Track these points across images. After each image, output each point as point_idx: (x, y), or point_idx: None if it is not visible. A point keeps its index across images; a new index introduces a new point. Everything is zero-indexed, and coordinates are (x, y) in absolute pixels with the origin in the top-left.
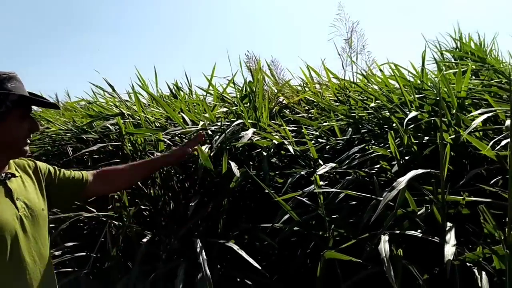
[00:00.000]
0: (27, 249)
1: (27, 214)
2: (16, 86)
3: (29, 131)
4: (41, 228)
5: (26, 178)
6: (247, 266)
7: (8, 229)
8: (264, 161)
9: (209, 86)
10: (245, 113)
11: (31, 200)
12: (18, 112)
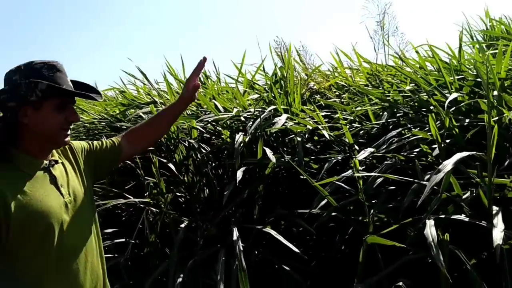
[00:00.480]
0: (73, 235)
1: (72, 200)
2: (55, 75)
3: (66, 122)
4: (85, 213)
5: (67, 163)
6: (284, 252)
7: (54, 216)
8: (298, 146)
9: (239, 73)
10: (278, 99)
11: (74, 187)
12: (53, 102)
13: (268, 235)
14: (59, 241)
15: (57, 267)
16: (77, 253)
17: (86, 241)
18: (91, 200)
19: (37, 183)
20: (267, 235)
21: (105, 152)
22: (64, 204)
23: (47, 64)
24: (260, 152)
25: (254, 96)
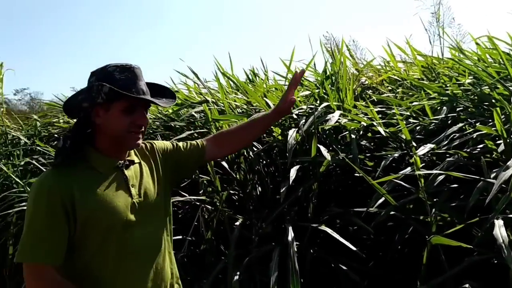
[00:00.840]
0: (138, 236)
1: (141, 201)
2: (126, 77)
3: (134, 124)
4: (156, 215)
5: (145, 163)
6: (340, 251)
7: (119, 216)
8: (353, 143)
9: (288, 70)
10: (330, 95)
11: (147, 188)
12: (121, 104)
13: (323, 234)
14: (121, 240)
15: (117, 267)
16: (141, 255)
17: (153, 243)
18: (165, 202)
19: (108, 182)
20: (321, 234)
21: (188, 153)
22: (132, 204)
23: (119, 67)
24: (314, 150)
25: (304, 93)
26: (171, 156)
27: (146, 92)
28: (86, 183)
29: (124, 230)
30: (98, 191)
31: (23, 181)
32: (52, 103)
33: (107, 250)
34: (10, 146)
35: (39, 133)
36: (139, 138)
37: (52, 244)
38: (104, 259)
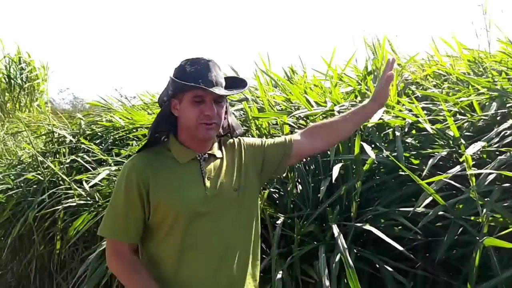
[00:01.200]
0: (209, 229)
1: (215, 195)
2: (194, 69)
3: (203, 115)
4: (232, 210)
5: (229, 157)
6: (384, 252)
7: (188, 207)
8: (397, 141)
9: (329, 67)
10: (372, 91)
11: (224, 183)
12: (189, 96)
13: (366, 233)
14: (187, 231)
15: (181, 256)
16: (206, 247)
17: (223, 238)
18: (248, 199)
19: (184, 173)
20: (364, 233)
21: (275, 148)
22: (204, 197)
23: (190, 60)
24: (358, 148)
25: (345, 89)
26: (258, 152)
27: (217, 83)
28: (162, 171)
29: (191, 221)
30: (172, 180)
31: (69, 178)
32: (95, 102)
33: (172, 239)
34: (57, 144)
35: (84, 132)
36: (210, 129)
37: (129, 223)
38: (169, 248)
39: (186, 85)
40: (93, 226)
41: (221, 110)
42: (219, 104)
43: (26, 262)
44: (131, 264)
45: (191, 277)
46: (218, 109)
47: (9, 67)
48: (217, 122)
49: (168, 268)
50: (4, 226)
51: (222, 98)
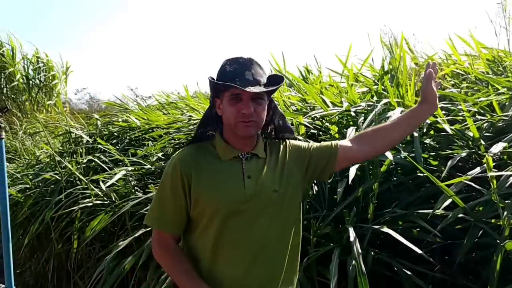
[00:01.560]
0: (245, 227)
1: (255, 194)
2: (233, 69)
3: (240, 113)
4: (271, 210)
5: (273, 159)
6: (402, 254)
7: (225, 204)
8: (415, 142)
9: (344, 67)
10: (390, 91)
11: (265, 183)
12: (227, 94)
13: (383, 235)
14: (223, 228)
15: (216, 252)
16: (242, 245)
17: (260, 238)
18: (289, 200)
19: (225, 170)
20: (382, 235)
21: (320, 153)
22: (243, 195)
23: (230, 60)
24: None
25: (361, 89)
26: (303, 156)
27: (254, 81)
28: (205, 167)
29: (227, 218)
30: (213, 176)
31: (86, 178)
32: (111, 102)
33: (209, 233)
34: (74, 144)
35: (100, 132)
36: (248, 127)
37: (175, 215)
38: (206, 242)
39: (219, 84)
40: (109, 226)
41: (259, 107)
42: (257, 102)
43: (44, 261)
44: (175, 254)
45: (224, 273)
46: (256, 107)
47: (27, 68)
48: (256, 120)
49: (204, 261)
50: (23, 225)
51: (260, 96)
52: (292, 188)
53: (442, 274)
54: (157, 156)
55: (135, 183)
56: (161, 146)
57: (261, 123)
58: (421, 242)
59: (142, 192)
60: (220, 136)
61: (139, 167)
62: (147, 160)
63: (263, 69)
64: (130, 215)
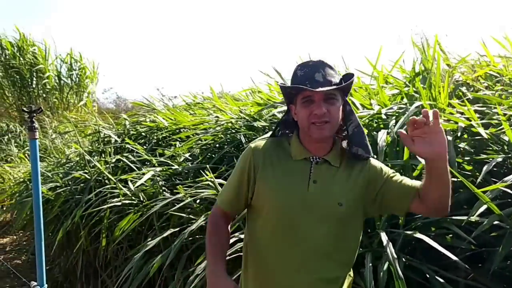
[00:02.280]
0: (295, 230)
1: (317, 199)
2: (304, 73)
3: (312, 115)
4: (328, 219)
5: (346, 170)
6: (434, 261)
7: (284, 204)
8: (449, 146)
9: (374, 68)
10: (422, 93)
11: (331, 190)
12: (299, 97)
13: (414, 241)
14: (279, 225)
15: (270, 246)
16: (292, 249)
17: (314, 246)
18: (349, 215)
19: (292, 169)
20: (413, 241)
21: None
22: (304, 197)
23: (301, 64)
24: (407, 153)
25: (392, 91)
26: (377, 180)
27: (325, 82)
28: (274, 162)
29: (282, 218)
30: (278, 173)
31: (114, 178)
32: (139, 102)
33: (266, 226)
34: (103, 143)
35: (128, 132)
36: (322, 129)
37: (231, 194)
38: (263, 233)
39: (290, 88)
40: (137, 226)
41: (332, 107)
42: (330, 102)
43: (73, 258)
44: (216, 226)
45: (275, 269)
46: (328, 107)
47: (59, 68)
48: (329, 120)
49: (260, 250)
50: (53, 222)
51: (332, 96)
52: (356, 207)
53: (475, 282)
54: (184, 156)
55: (163, 183)
56: (189, 146)
57: (335, 124)
58: (455, 249)
59: (170, 192)
60: (297, 136)
61: (167, 168)
62: (174, 161)
63: (334, 69)
64: (158, 215)
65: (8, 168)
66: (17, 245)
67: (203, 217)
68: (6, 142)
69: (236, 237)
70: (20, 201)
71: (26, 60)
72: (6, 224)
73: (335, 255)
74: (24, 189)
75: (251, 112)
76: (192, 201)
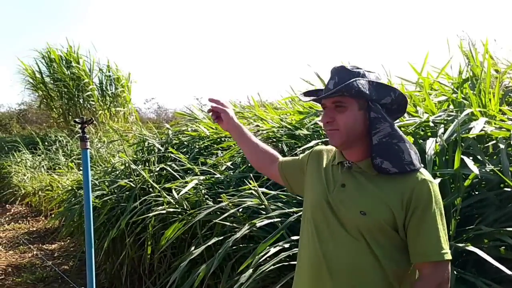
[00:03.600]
0: (318, 230)
1: (335, 202)
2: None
3: (323, 124)
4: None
5: (382, 179)
6: (487, 274)
7: (311, 203)
8: (502, 154)
9: (419, 76)
10: (472, 99)
11: (354, 196)
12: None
13: (466, 254)
14: (306, 223)
15: (301, 244)
16: (313, 251)
17: (330, 246)
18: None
19: (328, 173)
20: (464, 254)
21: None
22: (325, 200)
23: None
24: (458, 161)
25: (438, 98)
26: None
27: (334, 87)
28: (320, 163)
29: (309, 218)
30: (314, 174)
31: (158, 186)
32: (181, 112)
33: (302, 228)
34: (147, 152)
35: (171, 141)
36: (331, 136)
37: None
38: (301, 236)
39: (303, 100)
40: (180, 234)
41: (340, 116)
42: (338, 110)
43: (118, 265)
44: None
45: (300, 269)
46: (336, 115)
47: (101, 79)
48: (337, 128)
49: (299, 248)
50: (99, 229)
51: (339, 104)
52: (383, 220)
53: None
54: (226, 165)
55: (206, 191)
56: (230, 155)
57: (348, 132)
58: (509, 262)
59: (212, 200)
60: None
61: (209, 176)
62: (216, 169)
63: (354, 72)
64: (202, 223)
65: (56, 176)
66: (64, 251)
67: (247, 226)
68: (55, 152)
69: (279, 246)
70: (69, 208)
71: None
72: (54, 231)
73: (363, 267)
74: (72, 196)
75: (293, 121)
76: (235, 210)
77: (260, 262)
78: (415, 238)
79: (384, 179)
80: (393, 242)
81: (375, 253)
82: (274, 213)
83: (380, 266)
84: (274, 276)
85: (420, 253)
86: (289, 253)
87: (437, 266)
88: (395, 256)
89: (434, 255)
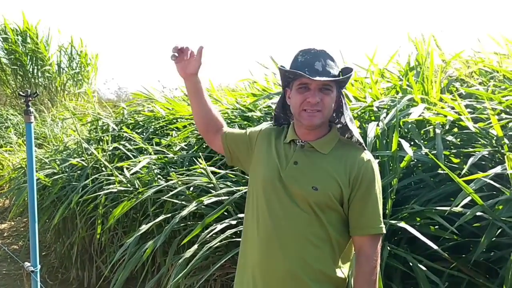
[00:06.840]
0: (269, 208)
1: (291, 179)
2: (304, 59)
3: (306, 102)
4: (299, 203)
5: (335, 158)
6: (418, 251)
7: (261, 180)
8: (437, 138)
9: (371, 62)
10: (414, 87)
11: (306, 173)
12: (296, 84)
13: (401, 231)
14: (255, 203)
15: (246, 224)
16: (263, 226)
17: (284, 221)
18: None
19: (278, 150)
20: (399, 231)
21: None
22: (278, 176)
23: (303, 50)
24: (395, 144)
25: (386, 85)
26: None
27: (324, 72)
28: (271, 141)
29: (260, 193)
30: (265, 150)
31: (111, 165)
32: (138, 93)
33: (247, 207)
34: (101, 132)
35: (126, 120)
36: (312, 116)
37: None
38: (246, 212)
39: (288, 72)
40: (132, 212)
41: (326, 98)
42: (325, 92)
43: (69, 244)
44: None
45: (247, 252)
46: (323, 97)
47: (59, 56)
48: (321, 110)
49: (246, 224)
50: (49, 209)
51: (328, 88)
52: (334, 197)
53: (458, 271)
54: (180, 146)
55: (158, 171)
56: (184, 136)
57: (327, 114)
58: (438, 239)
59: (165, 180)
60: (293, 123)
61: (162, 156)
62: (170, 150)
63: (335, 61)
64: (152, 202)
65: (6, 155)
66: (14, 230)
67: (195, 203)
68: (5, 130)
69: (226, 223)
70: (17, 187)
71: (27, 48)
72: (4, 210)
73: (313, 240)
74: (21, 175)
75: (247, 104)
76: (185, 188)
77: (207, 239)
78: (360, 212)
79: (333, 157)
80: (338, 216)
81: (325, 226)
82: (222, 191)
83: (328, 239)
84: (222, 254)
85: (362, 227)
86: (236, 230)
87: (375, 238)
88: (340, 229)
89: (375, 228)
